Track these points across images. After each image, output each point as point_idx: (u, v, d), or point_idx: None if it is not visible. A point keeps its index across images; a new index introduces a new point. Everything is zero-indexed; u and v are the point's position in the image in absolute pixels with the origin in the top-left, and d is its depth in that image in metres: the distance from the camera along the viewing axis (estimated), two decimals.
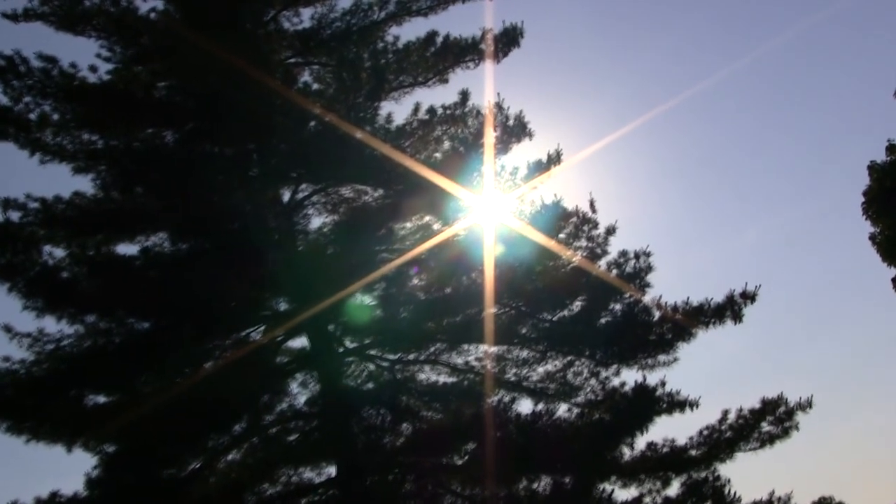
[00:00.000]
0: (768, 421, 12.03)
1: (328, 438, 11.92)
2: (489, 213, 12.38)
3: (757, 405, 12.08)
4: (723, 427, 12.00)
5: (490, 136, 12.15)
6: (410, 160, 12.04)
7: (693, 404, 12.16)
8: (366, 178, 12.19)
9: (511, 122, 12.10)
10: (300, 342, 12.61)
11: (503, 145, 12.21)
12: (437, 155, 12.21)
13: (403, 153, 12.10)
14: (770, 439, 11.97)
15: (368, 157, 11.98)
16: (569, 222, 12.35)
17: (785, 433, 12.01)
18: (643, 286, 12.28)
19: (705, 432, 12.00)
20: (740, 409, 12.05)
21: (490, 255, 12.17)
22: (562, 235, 12.29)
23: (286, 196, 12.40)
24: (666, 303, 12.06)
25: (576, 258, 12.33)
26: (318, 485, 12.12)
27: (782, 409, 12.01)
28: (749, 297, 11.85)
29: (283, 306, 12.28)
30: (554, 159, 12.07)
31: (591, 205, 12.27)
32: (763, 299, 12.08)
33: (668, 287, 12.90)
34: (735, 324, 11.99)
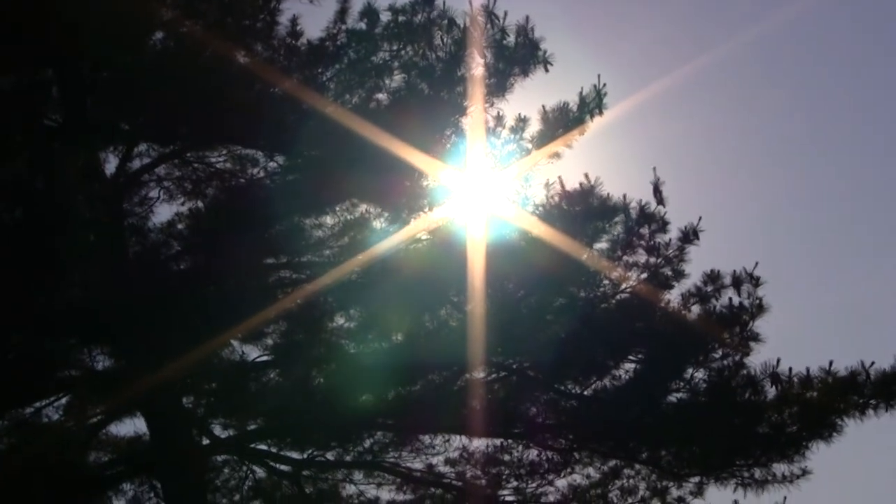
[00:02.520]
0: None
1: None
2: (472, 202, 8.15)
3: None
4: None
5: (475, 63, 8.32)
6: (333, 105, 8.19)
7: None
8: (254, 135, 7.92)
9: (512, 40, 7.61)
10: (132, 427, 8.61)
11: (498, 80, 7.83)
12: (380, 96, 7.82)
13: (320, 93, 8.31)
14: None
15: (258, 98, 8.15)
16: (614, 223, 8.60)
17: None
18: (747, 339, 8.22)
19: None
20: None
21: (474, 278, 8.31)
22: (602, 245, 8.12)
23: (110, 165, 8.19)
24: (787, 369, 8.33)
25: (628, 284, 8.46)
26: None
27: None
28: None
29: (101, 363, 8.07)
30: (592, 104, 8.22)
31: (656, 191, 8.30)
32: None
33: (780, 340, 9.04)
34: None
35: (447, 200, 8.07)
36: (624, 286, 7.95)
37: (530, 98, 8.36)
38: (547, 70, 7.96)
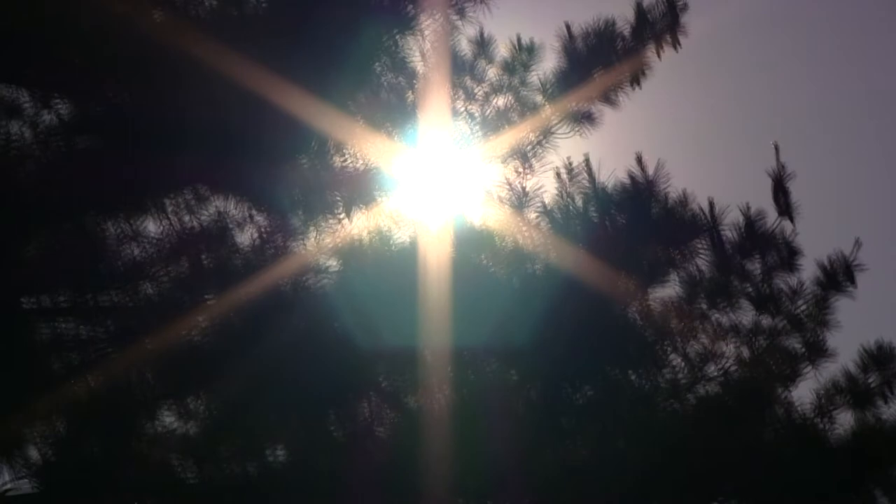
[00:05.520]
0: None
1: None
2: (426, 201, 5.05)
3: None
4: None
5: None
6: (161, 10, 4.92)
7: None
8: (13, 59, 4.99)
9: None
10: None
11: None
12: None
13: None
14: None
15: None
16: (692, 248, 5.16)
17: None
18: None
19: None
20: None
21: (428, 344, 5.03)
22: (669, 291, 5.11)
23: None
24: None
25: (718, 366, 5.09)
26: None
27: None
28: None
29: None
30: (659, 23, 4.91)
31: (777, 192, 4.83)
32: None
33: None
34: None
35: (379, 196, 4.83)
36: (711, 369, 4.73)
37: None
38: None
